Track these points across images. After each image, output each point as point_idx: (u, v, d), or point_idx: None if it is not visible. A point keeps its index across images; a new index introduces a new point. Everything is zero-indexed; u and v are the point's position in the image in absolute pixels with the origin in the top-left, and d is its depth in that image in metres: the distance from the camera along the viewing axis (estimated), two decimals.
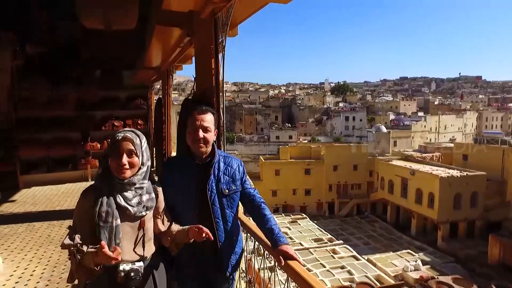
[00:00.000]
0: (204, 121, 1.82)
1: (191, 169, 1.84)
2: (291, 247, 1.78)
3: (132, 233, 1.56)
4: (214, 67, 2.19)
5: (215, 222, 1.83)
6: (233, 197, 1.90)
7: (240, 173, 1.95)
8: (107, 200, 1.48)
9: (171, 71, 4.65)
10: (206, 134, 1.81)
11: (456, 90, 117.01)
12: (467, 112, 61.13)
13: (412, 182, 26.66)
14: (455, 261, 21.77)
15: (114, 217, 1.46)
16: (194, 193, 1.81)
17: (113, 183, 1.52)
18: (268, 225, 1.84)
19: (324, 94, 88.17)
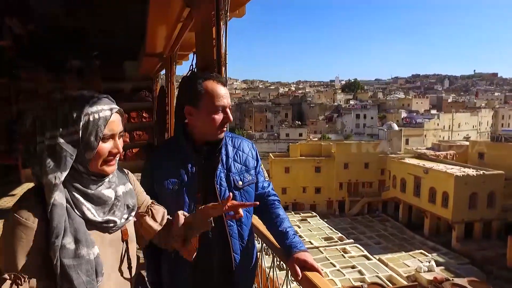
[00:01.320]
0: (228, 97, 1.41)
1: (190, 157, 1.41)
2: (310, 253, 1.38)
3: (113, 251, 1.03)
4: (216, 37, 1.86)
5: (228, 225, 1.40)
6: (248, 190, 1.47)
7: (254, 159, 1.53)
8: (68, 219, 0.89)
9: (174, 58, 4.35)
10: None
11: (470, 88, 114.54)
12: (482, 110, 59.59)
13: (425, 181, 25.99)
14: (470, 262, 21.13)
15: (87, 244, 0.90)
16: (196, 188, 1.38)
17: (77, 182, 0.94)
18: (281, 227, 1.44)
19: (335, 91, 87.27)
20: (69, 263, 0.87)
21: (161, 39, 3.79)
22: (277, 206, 1.53)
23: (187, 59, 6.12)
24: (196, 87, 1.37)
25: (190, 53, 5.61)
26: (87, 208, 0.94)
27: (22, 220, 0.86)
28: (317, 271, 1.32)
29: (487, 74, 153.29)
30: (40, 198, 0.88)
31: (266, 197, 1.55)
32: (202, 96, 1.37)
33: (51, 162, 0.88)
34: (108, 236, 1.01)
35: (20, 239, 0.85)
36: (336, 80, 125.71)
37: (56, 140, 0.88)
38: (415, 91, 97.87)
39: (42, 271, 0.87)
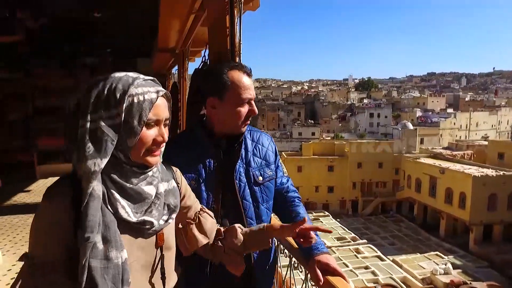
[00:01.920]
0: (252, 89, 1.32)
1: (208, 151, 1.33)
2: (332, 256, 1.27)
3: (145, 258, 0.90)
4: (229, 26, 1.77)
5: (248, 223, 1.31)
6: (268, 186, 1.38)
7: (273, 153, 1.45)
8: (100, 213, 0.79)
9: (187, 53, 4.28)
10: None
11: (489, 86, 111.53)
12: (502, 109, 57.81)
13: (441, 181, 25.38)
14: (489, 266, 20.52)
15: (116, 246, 0.79)
16: (214, 184, 1.30)
17: (116, 173, 0.83)
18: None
19: (348, 90, 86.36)
20: (96, 265, 0.76)
21: (173, 33, 3.74)
22: (297, 204, 1.43)
23: (199, 56, 6.07)
24: (221, 77, 1.28)
25: (203, 49, 5.58)
26: (121, 206, 0.83)
27: (51, 206, 0.78)
28: (340, 276, 1.21)
29: (507, 72, 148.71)
30: (73, 187, 0.79)
31: (285, 193, 1.46)
32: (228, 87, 1.27)
33: (91, 147, 0.78)
34: (139, 240, 0.88)
35: (46, 225, 0.78)
36: (349, 78, 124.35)
37: (97, 123, 0.79)
38: (430, 89, 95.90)
39: (66, 267, 0.77)
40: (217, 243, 1.10)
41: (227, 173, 1.32)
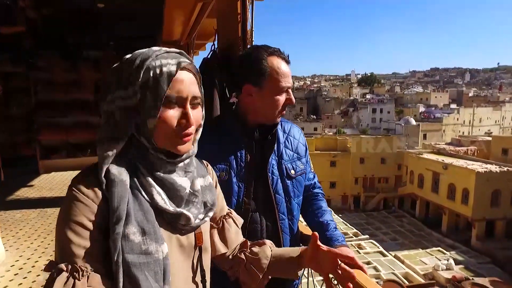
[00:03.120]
0: (291, 77, 1.25)
1: (240, 141, 1.25)
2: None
3: (184, 258, 0.80)
4: (241, 12, 1.69)
5: (279, 219, 1.25)
6: (299, 180, 1.32)
7: (304, 146, 1.40)
8: (134, 203, 0.70)
9: (192, 46, 4.21)
10: None
11: (493, 81, 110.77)
12: (506, 104, 57.43)
13: (444, 177, 25.25)
14: (492, 262, 20.45)
15: (156, 239, 0.70)
16: (245, 176, 1.23)
17: (143, 160, 0.74)
18: (322, 218, 1.31)
19: (351, 85, 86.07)
20: (134, 260, 0.67)
21: (178, 25, 3.66)
22: (320, 199, 1.41)
23: (204, 49, 5.99)
24: (260, 64, 1.20)
25: (207, 42, 5.49)
26: (156, 192, 0.73)
27: (80, 196, 0.67)
28: (360, 269, 1.15)
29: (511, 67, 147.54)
30: (95, 175, 0.70)
31: (311, 189, 1.42)
32: (267, 74, 1.19)
33: (107, 130, 0.72)
34: (178, 237, 0.79)
35: (77, 219, 0.66)
36: (352, 74, 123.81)
37: (114, 105, 0.72)
38: (433, 85, 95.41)
39: (104, 265, 0.68)
40: (240, 254, 0.97)
41: (259, 165, 1.25)
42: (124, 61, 0.74)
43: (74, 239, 0.65)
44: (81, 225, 0.66)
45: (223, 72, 1.84)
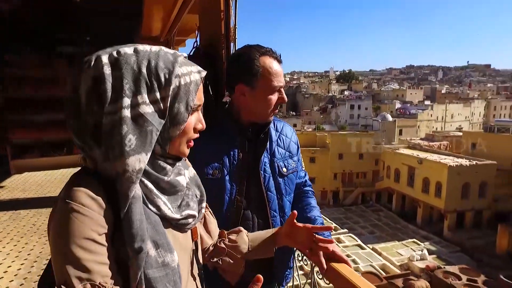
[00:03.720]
0: (283, 76, 1.26)
1: (234, 139, 1.27)
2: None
3: (185, 254, 0.82)
4: (224, 9, 1.68)
5: (271, 216, 1.28)
6: (291, 178, 1.35)
7: (296, 144, 1.42)
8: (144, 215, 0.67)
9: (172, 41, 4.14)
10: None
11: (463, 79, 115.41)
12: (475, 101, 60.04)
13: (419, 171, 26.16)
14: (461, 251, 21.48)
15: (169, 249, 0.70)
16: (238, 174, 1.25)
17: (150, 167, 0.70)
18: (309, 214, 1.33)
19: (329, 82, 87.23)
20: (155, 275, 0.65)
21: (158, 20, 3.59)
22: (310, 196, 1.44)
23: (183, 45, 5.90)
24: (252, 64, 1.21)
25: (187, 38, 5.42)
26: (163, 202, 0.71)
27: (83, 209, 0.60)
28: (345, 262, 1.18)
29: (480, 66, 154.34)
30: (100, 182, 0.64)
31: (302, 187, 1.46)
32: (260, 74, 1.21)
33: (133, 140, 0.63)
34: (179, 235, 0.79)
35: (86, 235, 0.59)
36: (330, 70, 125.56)
37: (138, 110, 0.64)
38: (409, 82, 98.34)
39: (118, 274, 0.64)
40: (220, 244, 1.00)
41: (252, 163, 1.27)
42: (130, 60, 0.65)
43: (88, 256, 0.59)
44: (92, 240, 0.60)
45: (207, 70, 1.82)
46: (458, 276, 15.74)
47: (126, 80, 0.64)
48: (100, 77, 0.63)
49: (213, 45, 1.80)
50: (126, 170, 0.63)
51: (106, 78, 0.63)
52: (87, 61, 0.66)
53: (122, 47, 0.68)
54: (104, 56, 0.65)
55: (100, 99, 0.63)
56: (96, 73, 0.64)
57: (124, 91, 0.63)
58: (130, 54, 0.66)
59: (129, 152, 0.63)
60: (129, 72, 0.64)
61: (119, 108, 0.63)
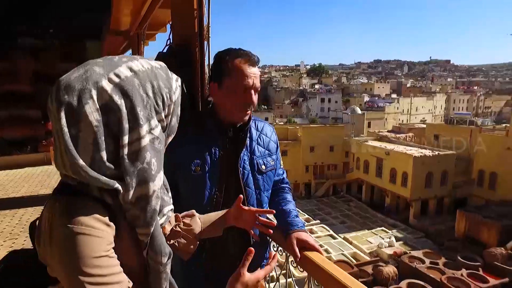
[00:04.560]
0: (257, 78, 1.28)
1: (215, 138, 1.33)
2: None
3: None
4: (197, 8, 1.69)
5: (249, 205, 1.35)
6: (269, 175, 1.42)
7: (275, 144, 1.48)
8: None
9: (143, 36, 4.05)
10: (256, 97, 1.30)
11: (427, 73, 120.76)
12: (437, 95, 63.22)
13: (386, 162, 27.25)
14: (425, 236, 22.72)
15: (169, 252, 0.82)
16: (218, 171, 1.30)
17: None
18: (285, 207, 1.41)
19: (300, 76, 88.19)
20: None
21: (128, 14, 3.50)
22: (286, 192, 1.51)
23: (153, 39, 5.77)
24: (220, 63, 1.27)
25: (158, 33, 5.31)
26: None
27: (92, 231, 0.59)
28: (317, 251, 1.27)
29: (441, 61, 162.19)
30: (95, 200, 0.62)
31: (280, 183, 1.52)
32: (226, 73, 1.27)
33: (155, 162, 0.65)
34: None
35: (99, 254, 0.59)
36: (301, 64, 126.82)
37: (153, 133, 0.66)
38: (377, 76, 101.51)
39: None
40: (176, 228, 1.06)
41: (232, 161, 1.32)
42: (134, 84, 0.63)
43: (105, 271, 0.60)
44: (106, 256, 0.60)
45: (182, 68, 1.84)
46: (422, 260, 16.73)
47: (139, 108, 0.62)
48: (110, 107, 0.60)
49: (187, 44, 1.82)
50: (154, 190, 0.65)
51: (120, 108, 0.60)
52: (84, 90, 0.59)
53: (116, 67, 0.63)
54: (104, 82, 0.60)
55: (115, 131, 0.61)
56: (103, 103, 0.60)
57: (141, 119, 0.62)
58: (131, 77, 0.63)
59: (155, 174, 0.65)
60: (138, 99, 0.63)
61: (138, 138, 0.62)
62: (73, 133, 0.59)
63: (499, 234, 18.28)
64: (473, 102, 69.64)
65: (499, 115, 65.54)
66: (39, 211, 3.39)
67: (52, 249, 0.60)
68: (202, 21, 1.71)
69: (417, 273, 15.38)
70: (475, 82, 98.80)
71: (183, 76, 1.96)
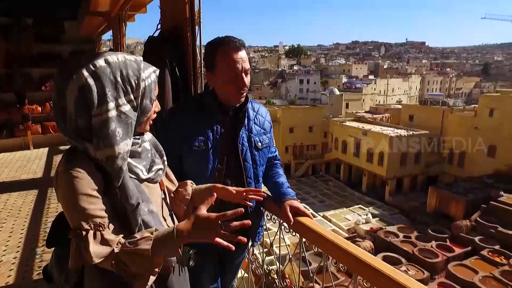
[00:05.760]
0: (245, 61, 1.38)
1: (217, 118, 1.45)
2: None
3: (156, 200, 1.09)
4: None
5: (247, 182, 1.50)
6: (264, 152, 1.57)
7: (269, 123, 1.62)
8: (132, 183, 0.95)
9: (124, 17, 3.96)
10: (247, 79, 1.40)
11: (403, 55, 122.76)
12: (412, 76, 64.69)
13: (364, 142, 27.99)
14: (400, 212, 23.80)
15: (149, 201, 1.00)
16: (220, 147, 1.43)
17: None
18: (277, 179, 1.58)
19: (279, 57, 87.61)
20: (149, 219, 0.94)
21: None
22: (278, 167, 1.68)
23: (133, 20, 5.63)
24: (210, 52, 1.38)
25: (138, 13, 5.19)
26: (140, 170, 0.98)
27: (81, 175, 0.85)
28: (308, 216, 1.43)
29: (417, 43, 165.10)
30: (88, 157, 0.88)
31: (272, 159, 1.67)
32: (216, 62, 1.37)
33: (120, 131, 0.88)
34: (152, 186, 1.06)
35: (85, 190, 0.84)
36: (280, 45, 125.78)
37: (121, 109, 0.88)
38: (354, 57, 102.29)
39: (115, 218, 0.90)
40: (170, 195, 1.24)
41: (232, 138, 1.46)
42: (106, 72, 0.86)
43: (89, 206, 0.84)
44: (89, 195, 0.85)
45: (173, 53, 1.88)
46: (397, 235, 17.63)
47: (107, 88, 0.86)
48: (85, 88, 0.84)
49: (178, 29, 1.85)
50: (119, 152, 0.88)
51: (92, 88, 0.84)
52: (69, 75, 0.84)
53: (95, 59, 0.87)
54: (83, 70, 0.84)
55: (87, 105, 0.85)
56: (80, 84, 0.84)
57: (108, 97, 0.86)
58: (104, 67, 0.87)
59: (119, 140, 0.87)
60: (108, 82, 0.86)
61: (106, 110, 0.86)
62: (61, 105, 0.86)
63: (465, 208, 19.44)
64: (446, 84, 71.92)
65: (469, 96, 68.29)
66: (23, 196, 3.40)
67: (57, 187, 0.87)
68: (193, 5, 1.75)
69: (391, 246, 16.24)
70: (448, 64, 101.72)
71: (175, 60, 2.00)
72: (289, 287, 1.81)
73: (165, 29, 2.01)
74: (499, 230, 16.46)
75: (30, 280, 2.41)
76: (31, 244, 2.90)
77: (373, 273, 1.04)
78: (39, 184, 4.40)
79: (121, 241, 0.86)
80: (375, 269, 1.04)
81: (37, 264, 2.60)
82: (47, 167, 5.17)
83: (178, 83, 1.92)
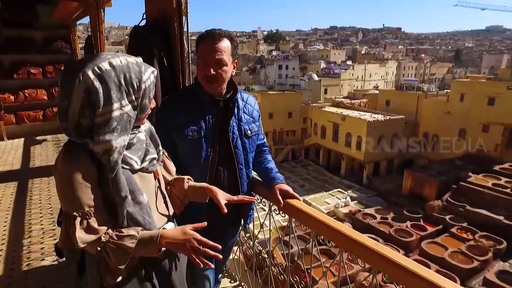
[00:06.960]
0: (217, 52, 1.41)
1: (208, 108, 1.52)
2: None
3: (150, 188, 1.16)
4: None
5: (238, 169, 1.58)
6: (254, 139, 1.66)
7: (258, 112, 1.69)
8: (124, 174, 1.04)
9: (102, 3, 3.85)
10: (221, 69, 1.43)
11: (380, 41, 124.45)
12: (389, 62, 65.85)
13: (342, 127, 28.56)
14: (377, 195, 24.67)
15: (140, 192, 1.06)
16: (212, 135, 1.50)
17: None
18: (267, 165, 1.68)
19: (257, 42, 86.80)
20: (133, 210, 1.01)
21: None
22: (267, 153, 1.77)
23: (109, 5, 5.47)
24: (196, 44, 1.48)
25: None
26: (134, 161, 1.05)
27: (77, 166, 0.93)
28: (296, 199, 1.55)
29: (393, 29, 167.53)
30: (86, 149, 0.95)
31: (261, 146, 1.76)
32: (197, 55, 1.46)
33: (119, 128, 0.96)
34: (146, 176, 1.13)
35: (78, 180, 0.93)
36: (258, 30, 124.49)
37: (123, 110, 0.96)
38: (332, 42, 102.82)
39: (104, 208, 0.98)
40: (167, 187, 1.33)
41: (223, 127, 1.53)
42: (111, 75, 0.93)
43: (80, 195, 0.94)
44: (83, 185, 0.94)
45: (161, 44, 1.89)
46: (374, 216, 18.37)
47: (112, 91, 0.93)
48: (92, 90, 0.90)
49: (165, 19, 1.86)
50: (116, 147, 0.95)
51: (98, 91, 0.91)
52: (75, 77, 0.90)
53: (100, 62, 0.93)
54: (89, 72, 0.91)
55: (92, 106, 0.92)
56: (87, 87, 0.90)
57: (113, 99, 0.94)
58: (109, 70, 0.94)
59: (117, 136, 0.96)
60: (113, 85, 0.94)
61: (110, 111, 0.94)
62: (66, 104, 0.93)
63: (438, 189, 20.45)
64: (421, 69, 73.78)
65: (442, 81, 70.49)
66: (2, 188, 3.35)
67: (55, 176, 0.96)
68: None
69: (369, 228, 16.92)
70: (422, 49, 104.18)
71: (162, 49, 2.02)
72: (278, 264, 1.93)
73: (151, 19, 2.01)
74: (467, 208, 17.50)
75: (20, 271, 2.42)
76: (16, 236, 2.88)
77: (357, 246, 1.16)
78: (18, 175, 4.30)
79: (109, 232, 0.96)
80: (358, 243, 1.16)
81: (25, 255, 2.61)
82: (24, 158, 5.03)
83: (166, 73, 1.95)
